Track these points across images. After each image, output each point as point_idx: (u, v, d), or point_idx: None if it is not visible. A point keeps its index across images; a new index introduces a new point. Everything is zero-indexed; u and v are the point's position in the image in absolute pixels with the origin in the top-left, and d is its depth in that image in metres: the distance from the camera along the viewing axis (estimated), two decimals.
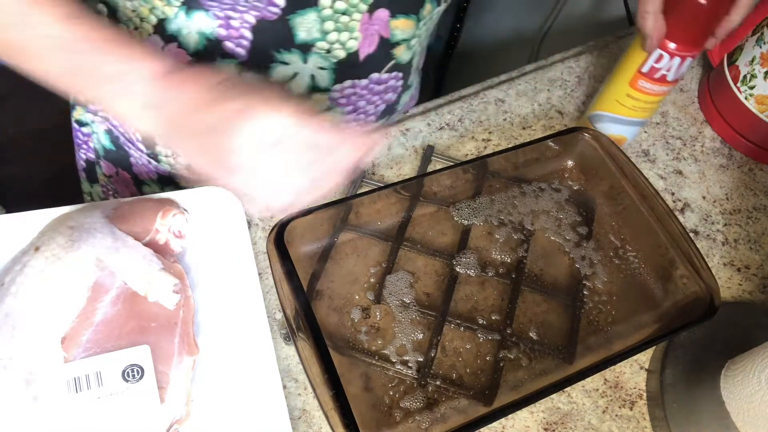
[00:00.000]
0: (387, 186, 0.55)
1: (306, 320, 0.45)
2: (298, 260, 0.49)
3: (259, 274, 0.56)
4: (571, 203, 0.62)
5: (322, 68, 0.53)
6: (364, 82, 0.56)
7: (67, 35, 0.38)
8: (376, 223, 0.58)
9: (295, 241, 0.51)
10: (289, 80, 0.54)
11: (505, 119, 0.71)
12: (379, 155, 0.65)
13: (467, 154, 0.67)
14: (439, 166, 0.62)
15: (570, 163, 0.64)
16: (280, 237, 0.49)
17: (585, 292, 0.56)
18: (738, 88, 0.69)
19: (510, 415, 0.52)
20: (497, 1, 1.30)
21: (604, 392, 0.54)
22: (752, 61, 0.66)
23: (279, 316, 0.55)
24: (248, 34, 0.50)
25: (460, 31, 1.42)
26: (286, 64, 0.52)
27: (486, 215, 0.60)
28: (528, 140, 0.61)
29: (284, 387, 0.51)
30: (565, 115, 0.72)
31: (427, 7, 0.54)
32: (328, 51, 0.52)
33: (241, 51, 0.51)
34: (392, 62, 0.57)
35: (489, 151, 0.68)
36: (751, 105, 0.68)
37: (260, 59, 0.52)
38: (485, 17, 1.36)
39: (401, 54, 0.57)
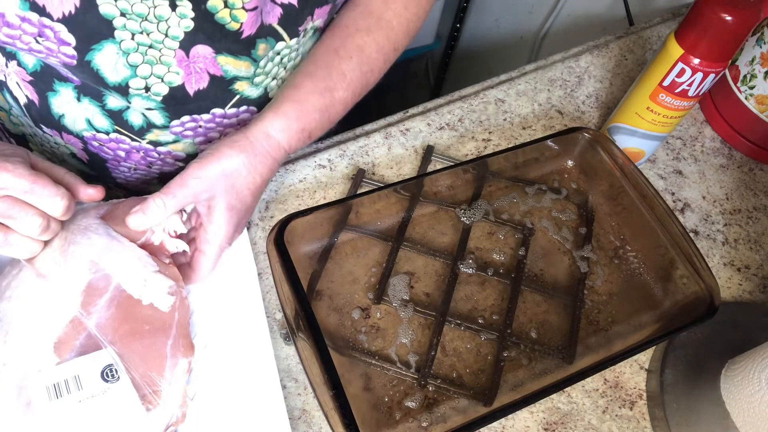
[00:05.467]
0: (387, 186, 0.55)
1: (306, 320, 0.45)
2: (298, 260, 0.49)
3: (259, 274, 0.56)
4: (571, 203, 0.62)
5: (149, 109, 0.51)
6: (206, 117, 0.53)
7: None
8: (376, 223, 0.58)
9: (295, 241, 0.51)
10: (125, 111, 0.52)
11: (505, 119, 0.71)
12: (379, 155, 0.66)
13: (467, 154, 0.67)
14: (439, 166, 0.62)
15: (570, 163, 0.64)
16: (280, 237, 0.49)
17: (585, 292, 0.56)
18: (738, 88, 0.69)
19: (510, 415, 0.52)
20: (497, 1, 1.31)
21: (604, 392, 0.54)
22: (752, 61, 0.66)
23: (279, 316, 0.55)
24: (65, 70, 0.48)
25: (460, 31, 1.43)
26: (114, 97, 0.51)
27: (486, 215, 0.60)
28: (528, 140, 0.61)
29: (284, 387, 0.52)
30: (565, 115, 0.72)
31: (261, 46, 0.50)
32: (147, 89, 0.49)
33: (74, 77, 0.49)
34: (236, 97, 0.53)
35: (489, 151, 0.68)
36: (751, 105, 0.68)
37: (91, 88, 0.50)
38: (485, 17, 1.36)
39: (245, 90, 0.53)
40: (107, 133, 0.54)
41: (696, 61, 0.54)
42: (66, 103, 0.52)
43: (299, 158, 0.64)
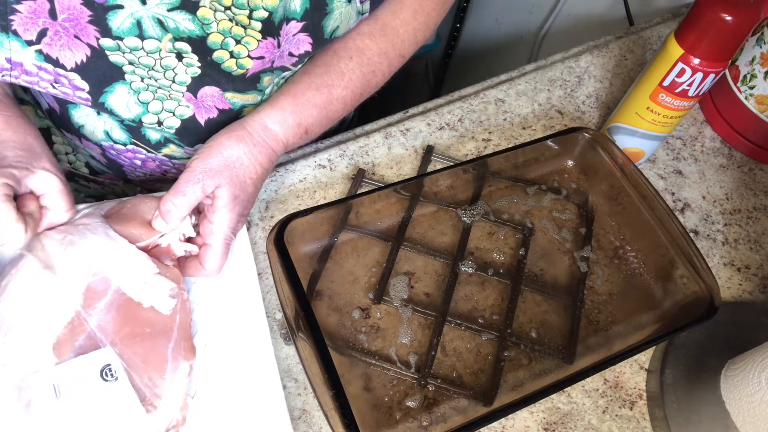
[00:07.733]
0: (387, 186, 0.55)
1: (306, 320, 0.45)
2: (298, 260, 0.49)
3: (259, 274, 0.56)
4: (571, 203, 0.62)
5: (167, 138, 0.53)
6: None
7: None
8: (376, 223, 0.58)
9: (295, 241, 0.51)
10: (143, 126, 0.53)
11: (505, 119, 0.71)
12: (379, 155, 0.66)
13: (467, 154, 0.67)
14: (439, 166, 0.62)
15: (570, 163, 0.64)
16: (280, 237, 0.49)
17: (585, 292, 0.56)
18: (738, 88, 0.69)
19: (510, 415, 0.52)
20: (497, 1, 1.31)
21: (604, 392, 0.54)
22: (752, 61, 0.66)
23: (279, 316, 0.55)
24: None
25: (460, 31, 1.42)
26: None
27: (486, 215, 0.60)
28: (528, 140, 0.61)
29: (284, 387, 0.52)
30: (565, 115, 0.72)
31: (266, 78, 0.52)
32: (160, 123, 0.51)
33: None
34: None
35: (489, 151, 0.68)
36: (751, 105, 0.68)
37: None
38: (485, 17, 1.36)
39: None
40: (124, 145, 0.55)
41: (696, 61, 0.54)
42: (86, 116, 0.53)
43: (299, 158, 0.64)
